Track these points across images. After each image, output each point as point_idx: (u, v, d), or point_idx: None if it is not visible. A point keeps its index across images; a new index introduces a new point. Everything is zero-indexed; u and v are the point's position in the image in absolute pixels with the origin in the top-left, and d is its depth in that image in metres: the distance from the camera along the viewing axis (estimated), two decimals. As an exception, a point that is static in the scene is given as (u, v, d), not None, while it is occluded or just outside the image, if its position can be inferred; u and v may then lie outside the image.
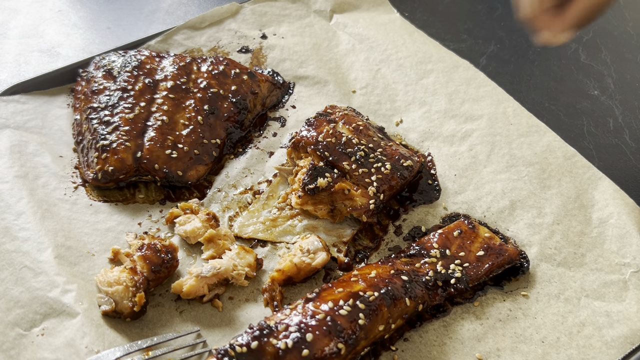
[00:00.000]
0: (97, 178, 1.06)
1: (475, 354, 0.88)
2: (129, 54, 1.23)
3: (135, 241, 0.96)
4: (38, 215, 0.99)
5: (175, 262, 0.94)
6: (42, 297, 0.88)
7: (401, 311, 0.87)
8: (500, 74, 1.35)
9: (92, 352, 0.83)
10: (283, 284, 0.94)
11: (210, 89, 1.19)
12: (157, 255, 0.92)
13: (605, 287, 0.96)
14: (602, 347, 0.88)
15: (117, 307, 0.88)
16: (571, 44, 1.43)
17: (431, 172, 1.13)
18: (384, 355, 0.88)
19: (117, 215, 1.04)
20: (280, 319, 0.81)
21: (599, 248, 1.01)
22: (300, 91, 1.28)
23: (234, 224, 1.05)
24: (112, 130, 1.09)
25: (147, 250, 0.93)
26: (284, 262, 0.95)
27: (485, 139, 1.17)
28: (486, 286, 0.97)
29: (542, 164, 1.13)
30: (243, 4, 1.46)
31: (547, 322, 0.92)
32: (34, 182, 1.05)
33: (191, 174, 1.09)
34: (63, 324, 0.86)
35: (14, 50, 1.38)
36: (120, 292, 0.89)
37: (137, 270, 0.90)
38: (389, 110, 1.24)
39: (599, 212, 1.05)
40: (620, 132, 1.23)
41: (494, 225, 1.05)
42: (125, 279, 0.89)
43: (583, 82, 1.34)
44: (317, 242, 0.96)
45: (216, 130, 1.15)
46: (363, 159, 1.05)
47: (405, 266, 0.93)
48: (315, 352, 0.77)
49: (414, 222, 1.06)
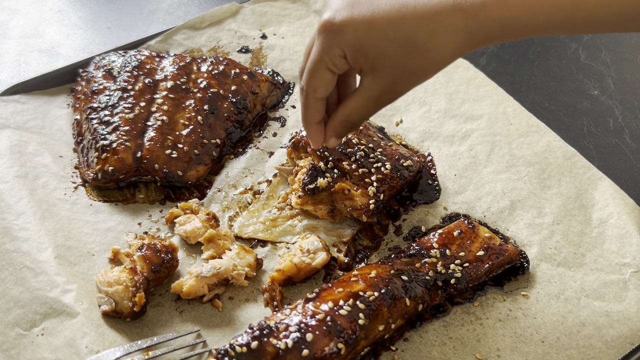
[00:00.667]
0: (97, 178, 1.06)
1: (475, 354, 0.88)
2: (129, 54, 1.23)
3: (135, 241, 0.97)
4: (38, 215, 0.99)
5: (175, 262, 0.94)
6: (42, 297, 0.88)
7: (401, 311, 0.87)
8: (500, 74, 1.35)
9: (92, 352, 0.83)
10: (283, 284, 0.94)
11: (210, 89, 1.19)
12: (157, 255, 0.92)
13: (605, 287, 0.96)
14: (602, 347, 0.88)
15: (117, 307, 0.88)
16: (571, 44, 1.43)
17: (431, 172, 1.13)
18: (384, 355, 0.88)
19: (117, 215, 1.04)
20: (280, 319, 0.81)
21: (599, 248, 1.01)
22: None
23: (234, 224, 1.05)
24: (112, 130, 1.09)
25: (147, 250, 0.93)
26: (283, 262, 0.95)
27: (485, 139, 1.17)
28: (486, 286, 0.97)
29: (542, 164, 1.13)
30: (243, 4, 1.46)
31: (547, 322, 0.92)
32: (34, 182, 1.05)
33: (191, 174, 1.09)
34: (63, 323, 0.86)
35: (14, 50, 1.38)
36: (120, 292, 0.89)
37: (137, 270, 0.90)
38: (389, 110, 1.24)
39: (599, 212, 1.05)
40: (620, 132, 1.23)
41: (494, 225, 1.05)
42: (125, 279, 0.89)
43: (583, 82, 1.34)
44: (317, 242, 0.97)
45: (216, 130, 1.15)
46: (363, 159, 1.05)
47: (405, 266, 0.93)
48: (315, 352, 0.77)
49: (414, 222, 1.06)
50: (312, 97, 0.77)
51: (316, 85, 0.76)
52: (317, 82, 0.76)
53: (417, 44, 0.69)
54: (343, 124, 0.80)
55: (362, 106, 0.77)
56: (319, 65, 0.74)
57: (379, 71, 0.72)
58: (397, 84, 0.74)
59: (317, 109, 0.79)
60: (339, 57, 0.72)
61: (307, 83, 0.77)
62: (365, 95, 0.76)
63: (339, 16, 0.71)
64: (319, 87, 0.76)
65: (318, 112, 0.80)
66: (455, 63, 1.31)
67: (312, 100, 0.78)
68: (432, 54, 0.70)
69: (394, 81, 0.73)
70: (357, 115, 0.79)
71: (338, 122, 0.80)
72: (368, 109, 0.77)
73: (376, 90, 0.74)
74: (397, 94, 0.75)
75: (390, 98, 0.76)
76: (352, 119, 0.79)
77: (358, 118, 0.79)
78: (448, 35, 0.69)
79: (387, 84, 0.73)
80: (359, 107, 0.77)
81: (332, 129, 0.82)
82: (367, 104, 0.76)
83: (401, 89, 0.74)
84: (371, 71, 0.73)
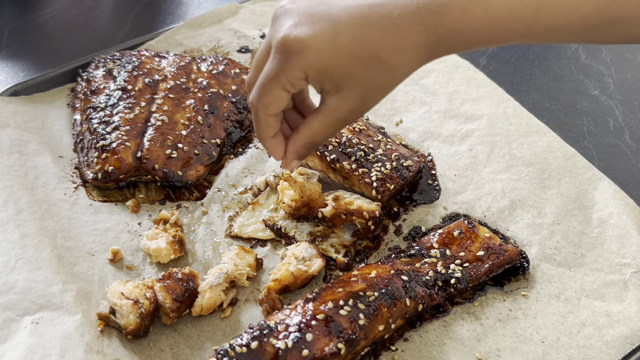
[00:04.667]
0: (97, 178, 1.06)
1: (475, 354, 0.88)
2: (129, 54, 1.23)
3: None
4: (38, 215, 0.99)
5: (196, 289, 0.91)
6: (40, 289, 0.87)
7: (401, 311, 0.87)
8: (500, 74, 1.35)
9: (92, 350, 0.82)
10: (279, 292, 0.93)
11: (210, 88, 1.19)
12: (179, 285, 0.89)
13: (605, 287, 0.96)
14: (602, 347, 0.88)
15: (123, 322, 0.86)
16: (571, 44, 1.43)
17: (431, 172, 1.13)
18: (384, 355, 0.88)
19: (117, 215, 1.04)
20: (280, 319, 0.81)
21: (599, 248, 1.01)
22: (300, 91, 1.28)
23: (234, 223, 1.05)
24: (112, 130, 1.09)
25: (168, 280, 0.90)
26: (279, 271, 0.93)
27: (486, 139, 1.17)
28: (486, 286, 0.97)
29: (542, 164, 1.13)
30: (243, 4, 1.46)
31: (547, 322, 0.92)
32: (34, 182, 1.05)
33: (191, 173, 1.09)
34: (61, 318, 0.85)
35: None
36: (128, 306, 0.86)
37: (151, 298, 0.88)
38: (389, 110, 1.24)
39: (599, 212, 1.05)
40: (620, 132, 1.23)
41: (494, 225, 1.05)
42: (138, 294, 0.87)
43: (583, 82, 1.34)
44: (310, 249, 0.95)
45: (216, 130, 1.15)
46: (363, 159, 1.05)
47: (405, 266, 0.93)
48: (315, 352, 0.77)
49: (414, 222, 1.06)
50: (264, 113, 0.73)
51: (268, 103, 0.71)
52: (269, 100, 0.70)
53: (383, 60, 0.67)
54: (306, 146, 0.75)
55: (328, 127, 0.73)
56: (274, 84, 0.69)
57: (345, 90, 0.69)
58: (365, 102, 0.71)
59: (270, 124, 0.74)
60: (299, 79, 0.68)
61: (257, 100, 0.71)
62: (332, 117, 0.71)
63: (301, 34, 0.65)
64: (271, 105, 0.71)
65: (271, 127, 0.74)
66: (455, 63, 1.32)
67: (263, 117, 0.73)
68: (397, 69, 0.68)
69: (362, 100, 0.70)
70: (322, 137, 0.74)
71: (300, 145, 0.75)
72: (334, 129, 0.73)
73: (344, 110, 0.71)
74: (364, 111, 0.72)
75: (357, 116, 0.72)
76: (316, 141, 0.75)
77: (322, 139, 0.74)
78: (411, 51, 0.67)
79: (355, 103, 0.70)
80: (324, 129, 0.73)
81: (294, 152, 0.76)
82: (334, 125, 0.72)
83: (369, 105, 0.71)
84: (336, 91, 0.69)
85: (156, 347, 0.87)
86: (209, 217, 1.06)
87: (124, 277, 0.95)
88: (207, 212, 1.07)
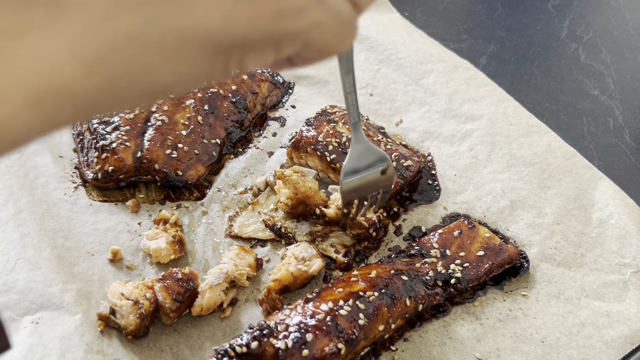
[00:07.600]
0: (97, 178, 1.06)
1: (475, 354, 0.88)
2: (129, 54, 1.23)
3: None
4: (38, 215, 0.99)
5: (196, 289, 0.91)
6: (40, 289, 0.87)
7: (401, 311, 0.87)
8: (500, 74, 1.35)
9: (92, 350, 0.83)
10: (279, 293, 0.93)
11: (210, 88, 1.19)
12: (179, 285, 0.89)
13: (605, 287, 0.96)
14: (602, 347, 0.88)
15: (123, 322, 0.86)
16: (571, 44, 1.43)
17: (431, 172, 1.13)
18: (384, 355, 0.88)
19: (117, 215, 1.04)
20: (280, 319, 0.81)
21: (599, 248, 1.01)
22: (300, 91, 1.28)
23: (234, 223, 1.05)
24: (112, 130, 1.09)
25: (168, 280, 0.90)
26: (279, 271, 0.93)
27: (486, 139, 1.17)
28: (486, 286, 0.97)
29: (542, 164, 1.13)
30: (243, 4, 1.45)
31: (547, 322, 0.92)
32: (34, 182, 1.05)
33: (191, 173, 1.09)
34: (61, 318, 0.85)
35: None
36: (128, 307, 0.86)
37: (151, 298, 0.88)
38: (389, 110, 1.24)
39: (599, 212, 1.05)
40: (620, 132, 1.23)
41: (494, 225, 1.05)
42: (137, 295, 0.87)
43: (583, 82, 1.34)
44: (310, 249, 0.95)
45: (216, 130, 1.15)
46: (363, 159, 1.05)
47: (405, 266, 0.93)
48: (315, 352, 0.77)
49: (414, 222, 1.06)
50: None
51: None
52: None
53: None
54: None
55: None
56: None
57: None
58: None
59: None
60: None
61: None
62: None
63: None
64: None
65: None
66: (455, 63, 1.32)
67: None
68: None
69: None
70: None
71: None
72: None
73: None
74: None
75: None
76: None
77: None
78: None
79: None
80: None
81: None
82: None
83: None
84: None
85: (156, 347, 0.87)
86: (209, 217, 1.06)
87: (124, 277, 0.95)
88: (207, 212, 1.07)
